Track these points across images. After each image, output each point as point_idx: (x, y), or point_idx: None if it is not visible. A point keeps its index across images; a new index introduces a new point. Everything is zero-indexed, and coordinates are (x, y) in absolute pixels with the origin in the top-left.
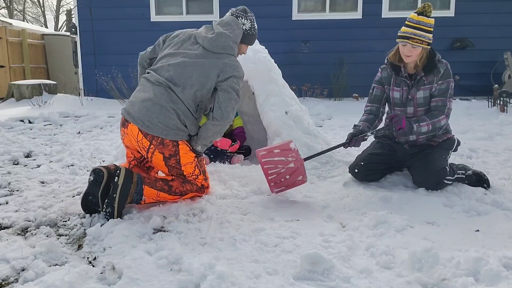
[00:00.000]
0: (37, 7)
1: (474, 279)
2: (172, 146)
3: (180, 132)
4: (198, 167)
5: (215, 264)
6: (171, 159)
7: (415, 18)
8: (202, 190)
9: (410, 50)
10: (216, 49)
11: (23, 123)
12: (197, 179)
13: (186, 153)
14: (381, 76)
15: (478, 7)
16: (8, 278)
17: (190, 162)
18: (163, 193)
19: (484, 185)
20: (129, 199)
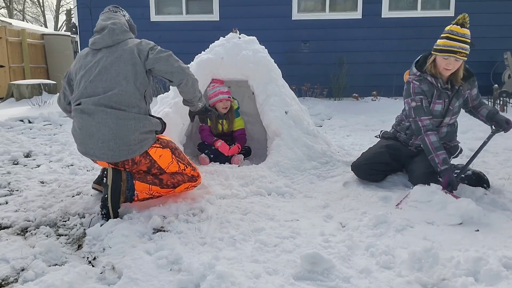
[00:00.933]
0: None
1: (474, 279)
2: (144, 160)
3: (144, 141)
4: (180, 161)
5: (215, 264)
6: (152, 169)
7: (460, 32)
8: (194, 179)
9: (452, 64)
10: (118, 37)
11: (23, 123)
12: (185, 171)
13: (161, 156)
14: (421, 88)
15: (478, 7)
16: (8, 278)
17: (170, 161)
18: (155, 186)
19: (484, 185)
20: (123, 197)
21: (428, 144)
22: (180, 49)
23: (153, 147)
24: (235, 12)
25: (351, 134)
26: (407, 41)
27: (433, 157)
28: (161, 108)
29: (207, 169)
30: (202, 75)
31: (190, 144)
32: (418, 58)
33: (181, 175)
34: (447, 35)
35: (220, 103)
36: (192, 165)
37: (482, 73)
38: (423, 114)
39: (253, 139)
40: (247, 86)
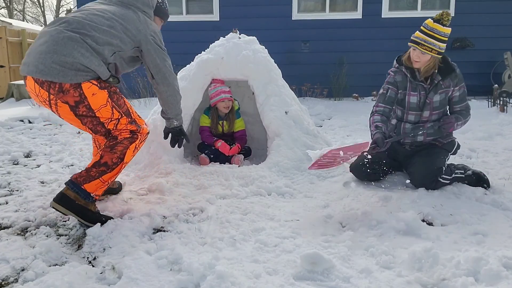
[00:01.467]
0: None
1: (474, 279)
2: (74, 92)
3: (80, 72)
4: (116, 108)
5: (215, 264)
6: (79, 107)
7: (429, 25)
8: (136, 137)
9: (418, 56)
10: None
11: (23, 123)
12: (119, 123)
13: (94, 94)
14: (395, 79)
15: (478, 7)
16: (8, 278)
17: (103, 104)
18: (105, 175)
19: (484, 185)
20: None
21: (370, 121)
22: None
23: (89, 82)
24: (235, 12)
25: (351, 134)
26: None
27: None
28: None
29: (207, 169)
30: (202, 75)
31: (190, 144)
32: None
33: (120, 143)
34: (420, 28)
35: (221, 103)
36: (132, 115)
37: (482, 73)
38: (381, 101)
39: (253, 139)
40: (247, 86)
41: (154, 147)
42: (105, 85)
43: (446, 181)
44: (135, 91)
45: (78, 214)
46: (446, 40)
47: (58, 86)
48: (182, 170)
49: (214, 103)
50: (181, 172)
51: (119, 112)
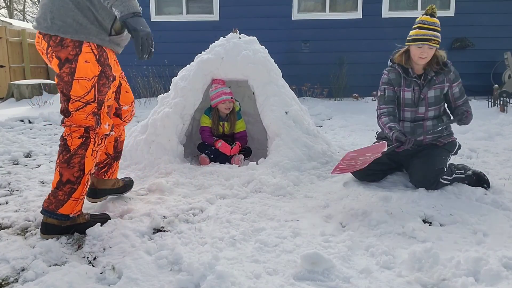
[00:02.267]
0: (37, 7)
1: (474, 279)
2: (72, 49)
3: (82, 29)
4: (96, 91)
5: (215, 264)
6: (65, 66)
7: (429, 20)
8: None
9: (427, 52)
10: None
11: (23, 123)
12: (84, 109)
13: (86, 62)
14: (389, 77)
15: (478, 7)
16: (8, 278)
17: (87, 78)
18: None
19: (484, 185)
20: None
21: (381, 125)
22: (180, 49)
23: (90, 48)
24: (235, 12)
25: (351, 134)
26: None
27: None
28: (161, 108)
29: (207, 169)
30: (202, 75)
31: (190, 144)
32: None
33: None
34: (418, 25)
35: (222, 104)
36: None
37: (482, 73)
38: (382, 102)
39: (253, 139)
40: (247, 86)
41: (154, 147)
42: (104, 61)
43: (447, 182)
44: (135, 91)
45: (72, 232)
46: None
47: (60, 39)
48: (182, 170)
49: (215, 104)
50: (181, 172)
51: (95, 96)
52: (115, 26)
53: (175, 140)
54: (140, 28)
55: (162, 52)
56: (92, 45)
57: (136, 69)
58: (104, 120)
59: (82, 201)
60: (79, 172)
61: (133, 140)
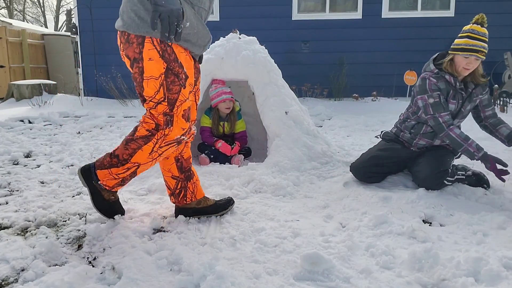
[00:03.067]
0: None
1: (474, 279)
2: (136, 45)
3: (143, 23)
4: (165, 89)
5: (215, 264)
6: (134, 66)
7: (480, 30)
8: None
9: (473, 64)
10: None
11: (23, 123)
12: (156, 108)
13: (150, 59)
14: (438, 86)
15: (478, 7)
16: (8, 278)
17: (155, 77)
18: (114, 168)
19: (484, 186)
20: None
21: (455, 137)
22: None
23: (152, 42)
24: (235, 12)
25: (351, 134)
26: (407, 41)
27: (465, 147)
28: None
29: (207, 169)
30: (202, 75)
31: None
32: (436, 55)
33: (134, 140)
34: (467, 34)
35: (223, 104)
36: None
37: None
38: (442, 110)
39: (253, 139)
40: (247, 86)
41: None
42: (168, 56)
43: (449, 183)
44: (135, 91)
45: (91, 191)
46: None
47: (127, 35)
48: None
49: (215, 104)
50: None
51: (164, 95)
52: None
53: None
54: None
55: None
56: (154, 41)
57: None
58: (178, 123)
59: (117, 182)
60: (128, 156)
61: None
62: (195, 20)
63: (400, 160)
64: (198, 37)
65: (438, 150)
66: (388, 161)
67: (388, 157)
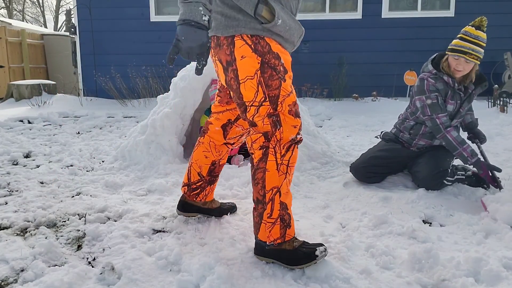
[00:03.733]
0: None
1: (474, 279)
2: (226, 46)
3: (231, 22)
4: (263, 86)
5: (215, 265)
6: (229, 70)
7: (473, 33)
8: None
9: (463, 65)
10: None
11: (23, 123)
12: (259, 112)
13: (243, 57)
14: (436, 87)
15: (478, 7)
16: (7, 279)
17: (250, 76)
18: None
19: (484, 186)
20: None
21: (451, 140)
22: None
23: (242, 38)
24: None
25: (351, 134)
26: (407, 41)
27: (460, 151)
28: (161, 108)
29: None
30: (202, 76)
31: (190, 144)
32: (434, 56)
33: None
34: (460, 36)
35: None
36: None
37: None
38: (439, 111)
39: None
40: None
41: (153, 148)
42: (262, 49)
43: (449, 183)
44: (134, 91)
45: (279, 259)
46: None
47: (216, 38)
48: (182, 171)
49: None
50: (181, 172)
51: (264, 94)
52: (260, 12)
53: (175, 141)
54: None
55: (162, 52)
56: (245, 36)
57: (135, 69)
58: (286, 121)
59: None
60: (262, 190)
61: (132, 141)
62: (285, 15)
63: (400, 160)
64: (290, 34)
65: (438, 150)
66: (388, 161)
67: (388, 157)
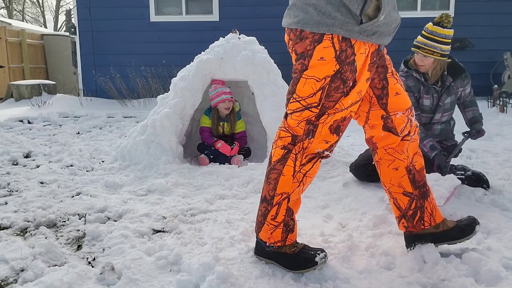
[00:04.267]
0: (36, 7)
1: (474, 279)
2: (310, 41)
3: (324, 19)
4: (324, 94)
5: (214, 265)
6: (298, 62)
7: (429, 28)
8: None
9: (421, 60)
10: None
11: (23, 123)
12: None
13: (322, 58)
14: (407, 84)
15: (478, 7)
16: (7, 279)
17: (317, 78)
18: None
19: (484, 186)
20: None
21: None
22: (179, 49)
23: (331, 40)
24: (235, 12)
25: (351, 134)
26: (407, 41)
27: (421, 147)
28: (161, 108)
29: (207, 169)
30: (202, 76)
31: (190, 144)
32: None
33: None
34: (422, 32)
35: (222, 104)
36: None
37: (482, 73)
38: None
39: (252, 139)
40: (247, 86)
41: (153, 148)
42: (345, 58)
43: None
44: (134, 91)
45: (276, 261)
46: (448, 42)
47: (299, 31)
48: (182, 171)
49: (215, 104)
50: (181, 172)
51: (319, 101)
52: (366, 10)
53: (175, 141)
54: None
55: (162, 52)
56: (335, 38)
57: (135, 69)
58: (321, 134)
59: (282, 230)
60: (272, 191)
61: (132, 141)
62: (389, 5)
63: None
64: (389, 25)
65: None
66: None
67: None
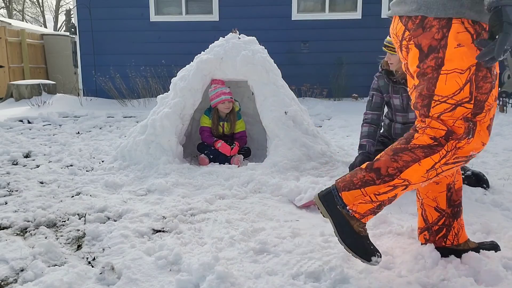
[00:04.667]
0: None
1: (474, 279)
2: (437, 30)
3: (451, 1)
4: (473, 86)
5: (214, 264)
6: (429, 58)
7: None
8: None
9: (389, 58)
10: None
11: (22, 123)
12: (453, 112)
13: (459, 46)
14: (378, 84)
15: None
16: (7, 279)
17: (460, 70)
18: (369, 186)
19: (484, 186)
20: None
21: (360, 132)
22: (179, 49)
23: (462, 24)
24: (235, 12)
25: (351, 134)
26: None
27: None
28: (161, 108)
29: (207, 169)
30: (202, 76)
31: (190, 144)
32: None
33: (410, 150)
34: None
35: (222, 104)
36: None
37: None
38: (368, 108)
39: (252, 139)
40: (247, 86)
41: (153, 148)
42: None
43: None
44: (134, 91)
45: (334, 222)
46: None
47: (420, 19)
48: (182, 171)
49: (215, 104)
50: (181, 172)
51: (470, 94)
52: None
53: (175, 141)
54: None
55: (162, 52)
56: (466, 22)
57: (135, 69)
58: (481, 135)
59: (372, 208)
60: (396, 171)
61: (132, 141)
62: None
63: None
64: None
65: None
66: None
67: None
